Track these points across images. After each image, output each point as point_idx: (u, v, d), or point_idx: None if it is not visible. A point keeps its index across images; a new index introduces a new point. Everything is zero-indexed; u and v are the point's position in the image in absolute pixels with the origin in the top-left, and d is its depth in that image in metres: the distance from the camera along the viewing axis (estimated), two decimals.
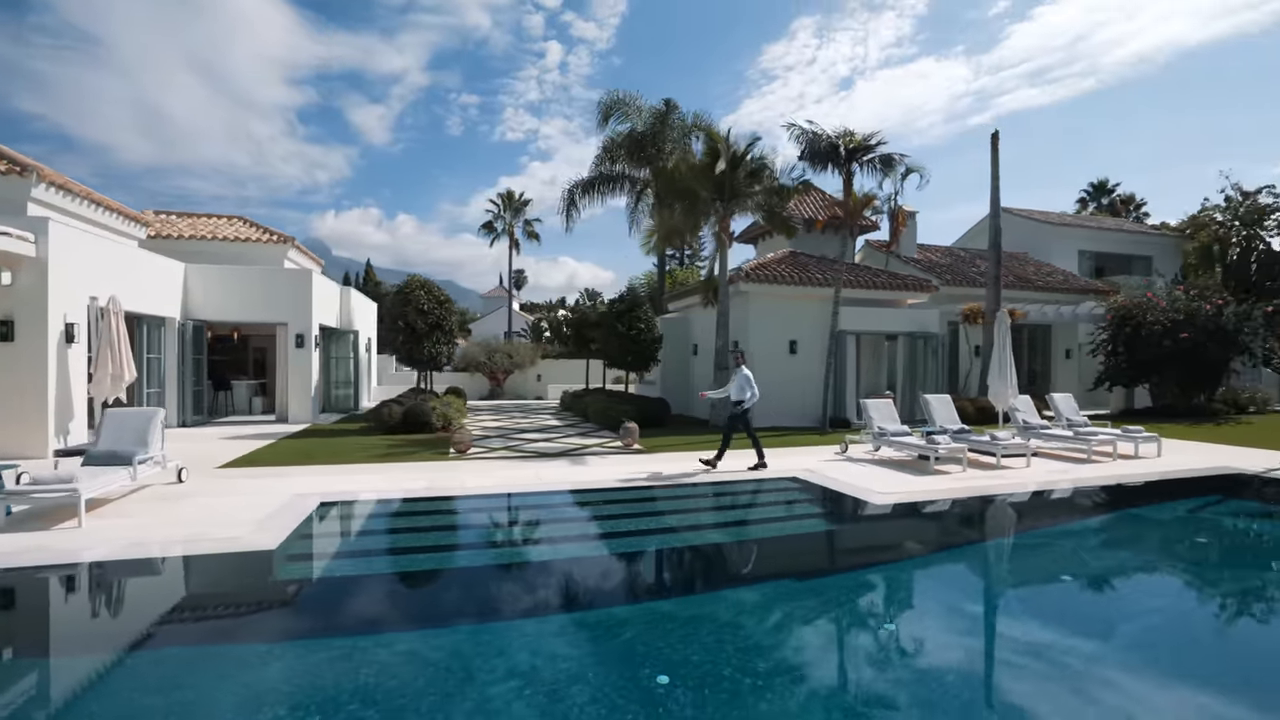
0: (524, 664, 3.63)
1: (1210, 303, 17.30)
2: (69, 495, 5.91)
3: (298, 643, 3.93)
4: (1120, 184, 40.58)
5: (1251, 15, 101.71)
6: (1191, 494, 8.56)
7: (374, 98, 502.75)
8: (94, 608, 4.66)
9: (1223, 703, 3.33)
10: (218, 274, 14.19)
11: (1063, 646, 4.05)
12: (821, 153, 13.62)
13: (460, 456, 10.32)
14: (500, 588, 5.14)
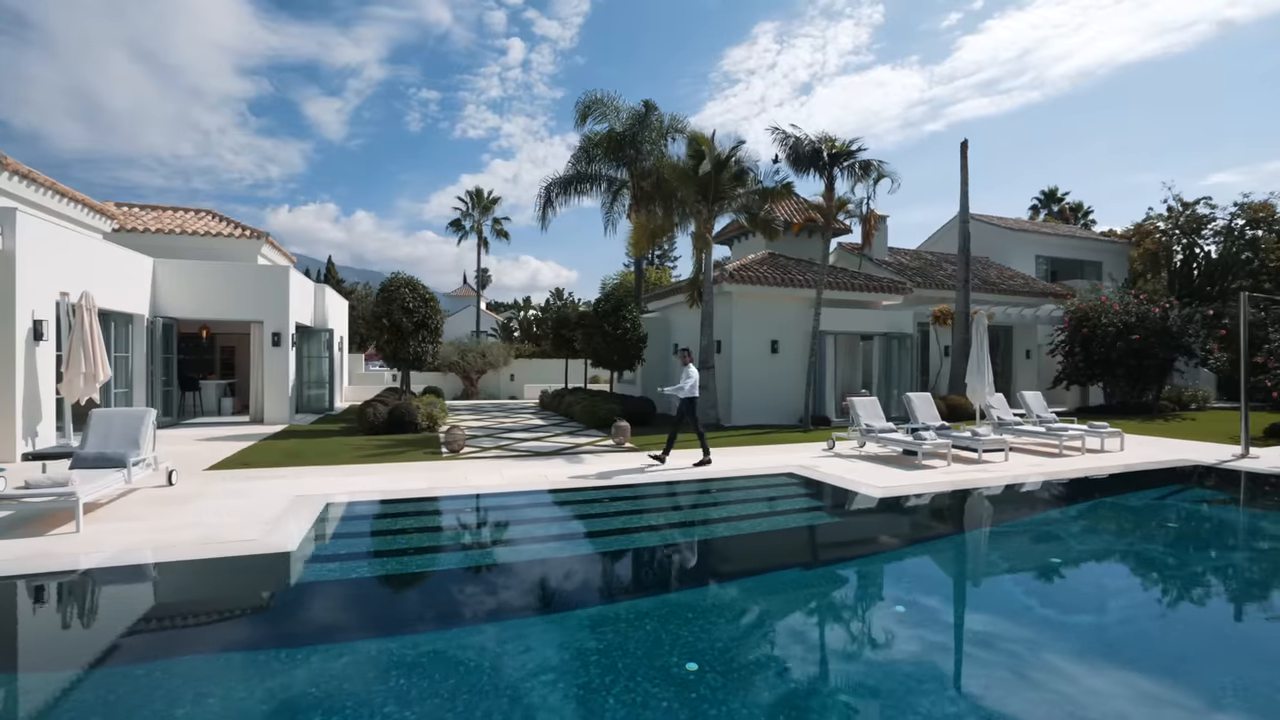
0: (575, 655, 3.70)
1: (1158, 306, 18.42)
2: (64, 499, 5.67)
3: (333, 646, 3.88)
4: (1070, 192, 42.66)
5: (1180, 36, 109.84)
6: (1157, 484, 9.14)
7: (330, 91, 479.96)
8: (114, 616, 4.49)
9: (1196, 664, 3.65)
10: (189, 269, 13.65)
11: (1069, 615, 4.35)
12: (805, 157, 13.97)
13: (454, 456, 10.23)
14: (530, 584, 5.17)
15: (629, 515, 7.47)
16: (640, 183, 22.90)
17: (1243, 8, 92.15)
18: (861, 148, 14.00)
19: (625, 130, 22.25)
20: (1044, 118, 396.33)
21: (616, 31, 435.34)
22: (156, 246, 14.42)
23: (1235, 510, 8.23)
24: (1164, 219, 26.20)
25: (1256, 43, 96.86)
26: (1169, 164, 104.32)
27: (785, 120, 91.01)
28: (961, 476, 8.89)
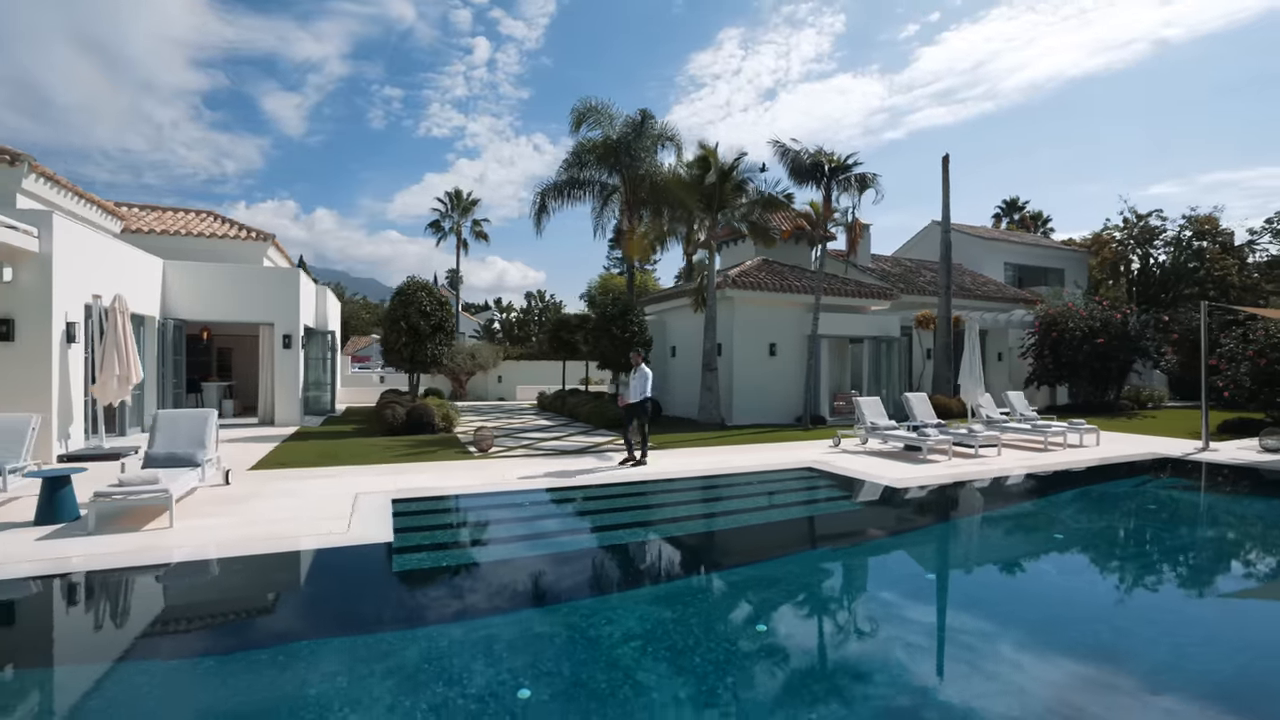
0: (674, 621, 4.25)
1: (1120, 312, 19.83)
2: (159, 496, 5.94)
3: (463, 622, 4.35)
4: (1030, 201, 44.84)
5: (1120, 54, 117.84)
6: (1133, 474, 10.12)
7: (289, 86, 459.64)
8: (255, 602, 4.83)
9: (1189, 622, 4.41)
10: (199, 271, 13.65)
11: (1079, 575, 5.13)
12: (805, 169, 14.74)
13: (484, 455, 10.61)
14: (618, 565, 5.68)
15: (683, 505, 8.10)
16: (634, 189, 23.47)
17: (1177, 29, 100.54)
18: (857, 162, 14.86)
19: (620, 138, 22.80)
20: (998, 128, 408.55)
21: (583, 33, 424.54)
22: (162, 248, 14.34)
23: (1202, 495, 9.22)
24: (1120, 229, 27.99)
25: (1190, 60, 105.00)
26: (1113, 174, 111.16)
27: (749, 124, 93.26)
28: (964, 470, 9.70)
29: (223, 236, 15.34)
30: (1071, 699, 3.32)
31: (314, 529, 6.00)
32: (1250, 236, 27.28)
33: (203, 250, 15.11)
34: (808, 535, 7.08)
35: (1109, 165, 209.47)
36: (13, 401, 8.91)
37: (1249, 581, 5.74)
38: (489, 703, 3.13)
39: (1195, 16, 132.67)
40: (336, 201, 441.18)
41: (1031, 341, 20.52)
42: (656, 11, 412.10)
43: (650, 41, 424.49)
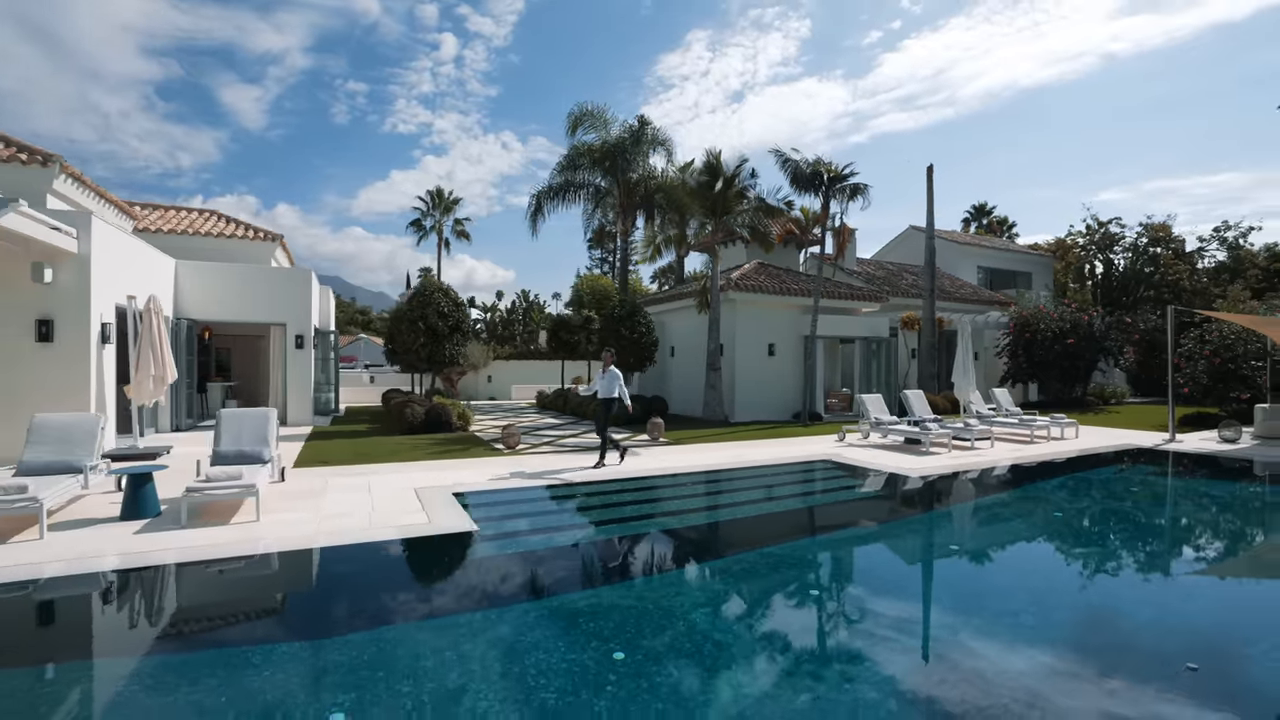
0: (738, 588, 4.83)
1: (1087, 314, 21.18)
2: (245, 491, 6.24)
3: (564, 596, 4.85)
4: (996, 206, 46.80)
5: (1071, 65, 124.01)
6: (1111, 462, 11.07)
7: (248, 78, 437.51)
8: (367, 587, 5.20)
9: (1174, 580, 5.19)
10: (212, 271, 13.66)
11: (1082, 542, 5.88)
12: (805, 179, 15.47)
13: (514, 452, 11.00)
14: (683, 546, 6.22)
15: (725, 494, 8.71)
16: (628, 193, 23.98)
17: (1123, 43, 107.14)
18: (853, 172, 15.66)
19: (616, 142, 23.26)
20: (958, 133, 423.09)
21: (551, 32, 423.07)
22: (170, 247, 14.27)
23: (1174, 480, 10.20)
24: (1083, 235, 29.65)
25: (1135, 74, 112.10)
26: (1066, 180, 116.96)
27: (717, 125, 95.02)
28: (965, 461, 10.51)
29: (230, 236, 15.30)
30: (1086, 617, 4.01)
31: (396, 520, 6.37)
32: (1200, 244, 29.26)
33: (211, 250, 15.06)
34: (850, 516, 7.93)
35: (1062, 171, 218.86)
36: (52, 401, 8.98)
37: (1224, 545, 6.60)
38: (597, 658, 3.65)
39: (1140, 32, 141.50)
40: (299, 197, 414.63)
41: (1006, 342, 21.73)
42: (625, 12, 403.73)
43: (620, 41, 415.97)
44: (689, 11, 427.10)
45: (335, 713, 2.92)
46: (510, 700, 3.18)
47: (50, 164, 9.77)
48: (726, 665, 3.68)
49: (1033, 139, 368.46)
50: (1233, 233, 29.49)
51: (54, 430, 6.80)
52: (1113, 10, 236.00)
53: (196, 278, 13.50)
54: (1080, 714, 3.11)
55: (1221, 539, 7.12)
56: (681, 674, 3.52)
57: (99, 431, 7.00)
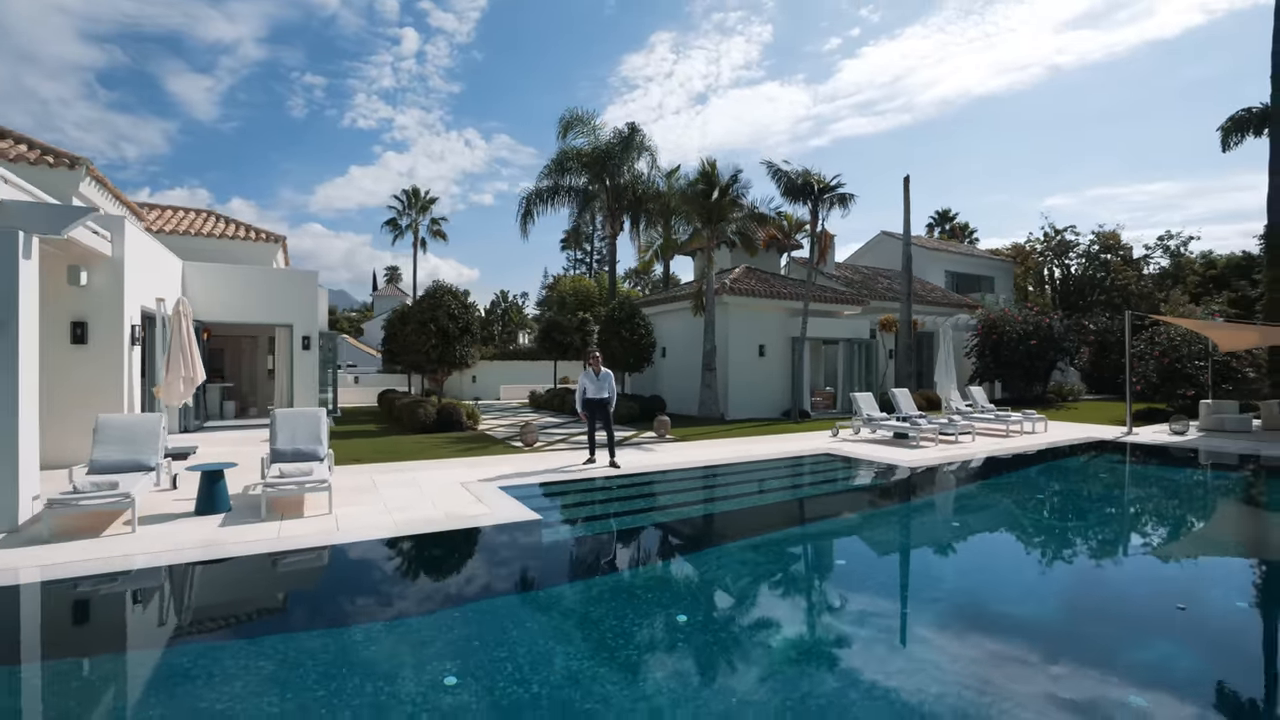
0: (766, 562, 5.54)
1: (1048, 317, 22.70)
2: (318, 485, 6.65)
3: (645, 569, 5.48)
4: (959, 213, 48.97)
5: (1020, 76, 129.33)
6: (1079, 453, 12.19)
7: (199, 67, 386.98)
8: (474, 566, 5.69)
9: (1140, 549, 6.13)
10: (218, 272, 13.71)
11: (1062, 517, 6.80)
12: (796, 188, 16.33)
13: (533, 450, 11.50)
14: (716, 527, 6.89)
15: (743, 484, 9.39)
16: (616, 196, 24.58)
17: (1067, 56, 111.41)
18: (840, 183, 16.59)
19: (606, 148, 23.84)
20: (915, 138, 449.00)
21: (514, 30, 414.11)
22: (172, 248, 14.26)
23: (1134, 467, 11.35)
24: (1041, 242, 31.50)
25: (1078, 85, 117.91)
26: (1016, 186, 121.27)
27: (681, 126, 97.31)
28: (951, 453, 11.47)
29: (233, 237, 15.31)
30: (1072, 574, 4.86)
31: (461, 511, 6.85)
32: (1146, 251, 31.45)
33: (213, 251, 15.05)
34: (861, 501, 8.72)
35: (1013, 177, 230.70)
36: (86, 403, 9.10)
37: (1180, 520, 7.61)
38: (664, 620, 4.31)
39: (1082, 46, 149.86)
40: (254, 192, 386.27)
41: (975, 343, 23.10)
42: (589, 11, 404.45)
43: (583, 41, 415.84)
44: (652, 13, 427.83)
45: (449, 676, 3.43)
46: (598, 656, 3.79)
47: (77, 167, 9.84)
48: (778, 623, 4.38)
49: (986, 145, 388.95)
50: (1174, 241, 31.83)
51: (119, 430, 7.05)
52: (1057, 24, 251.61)
53: (204, 279, 13.53)
54: (1075, 629, 3.90)
55: (1178, 515, 8.16)
56: (736, 632, 4.20)
57: (161, 431, 7.27)
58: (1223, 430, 14.20)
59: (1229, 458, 11.66)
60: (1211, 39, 62.33)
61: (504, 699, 3.20)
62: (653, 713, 3.16)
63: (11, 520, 5.83)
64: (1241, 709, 3.38)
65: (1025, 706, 3.16)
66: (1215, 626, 4.41)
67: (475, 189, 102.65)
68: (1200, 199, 67.85)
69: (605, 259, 57.13)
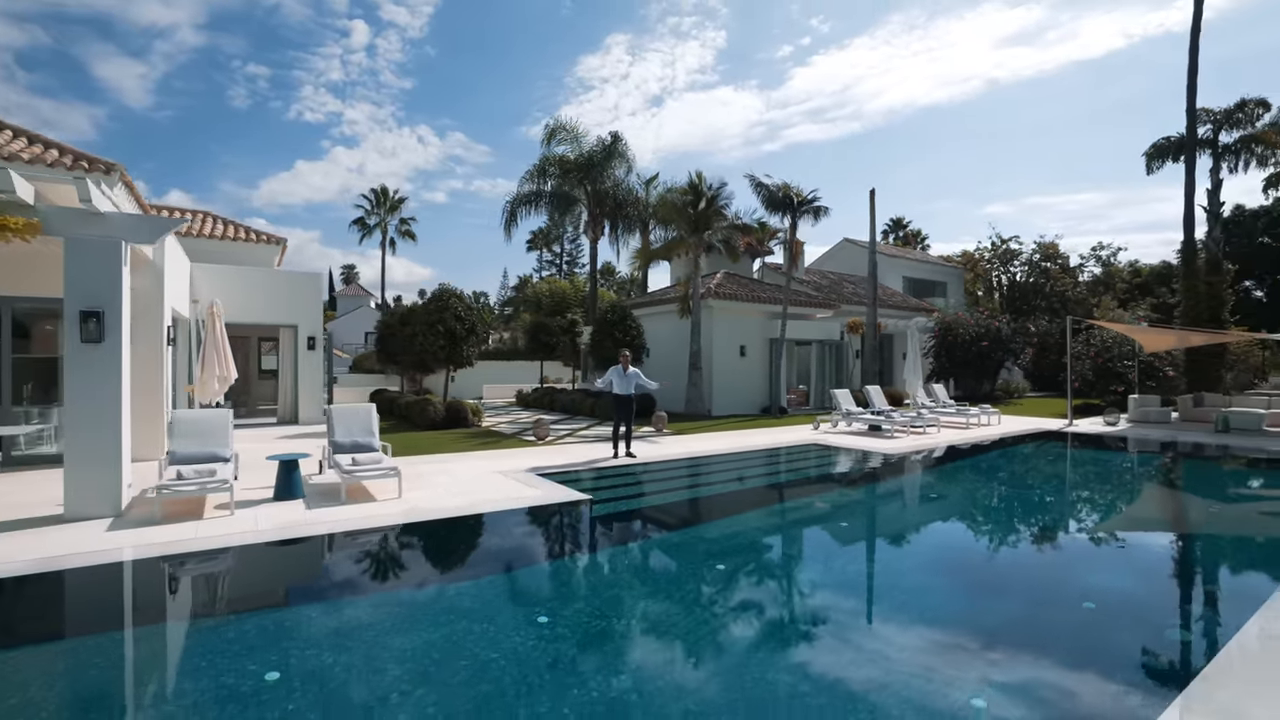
0: (786, 529, 6.69)
1: (997, 321, 24.76)
2: (389, 472, 7.40)
3: (685, 529, 6.51)
4: (911, 221, 51.73)
5: (961, 88, 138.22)
6: (1030, 441, 13.81)
7: (130, 52, 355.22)
8: (549, 537, 6.56)
9: (1082, 515, 7.55)
10: (226, 274, 14.00)
11: (1022, 488, 8.17)
12: (777, 201, 17.63)
13: (545, 444, 12.32)
14: (742, 499, 7.98)
15: (749, 468, 10.50)
16: (599, 202, 25.48)
17: (1004, 70, 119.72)
18: (816, 197, 17.98)
19: (589, 156, 24.69)
20: (864, 146, 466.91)
21: (469, 26, 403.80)
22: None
23: (1074, 451, 13.02)
24: (989, 251, 33.97)
25: (1014, 99, 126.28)
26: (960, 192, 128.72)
27: (637, 128, 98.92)
28: (922, 442, 12.88)
29: (234, 239, 15.55)
30: (1033, 531, 6.14)
31: (515, 493, 7.70)
32: (1081, 260, 34.32)
33: (215, 252, 15.26)
34: (848, 480, 9.88)
35: (957, 184, 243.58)
36: (132, 402, 9.49)
37: (1116, 493, 9.11)
38: (708, 568, 5.38)
39: (1017, 62, 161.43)
40: (193, 185, 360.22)
41: (932, 344, 24.97)
42: (546, 11, 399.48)
43: (539, 40, 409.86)
44: (608, 15, 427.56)
45: (541, 615, 4.36)
46: (657, 594, 4.84)
47: (112, 173, 10.15)
48: (798, 570, 5.49)
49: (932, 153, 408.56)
50: (1105, 252, 34.84)
51: (193, 425, 7.61)
52: (995, 41, 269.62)
53: (210, 280, 13.81)
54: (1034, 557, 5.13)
55: (1111, 489, 9.68)
56: (764, 578, 5.31)
57: (230, 425, 7.85)
58: (1147, 421, 16.16)
59: (1152, 444, 13.47)
60: (1131, 61, 67.61)
61: (616, 626, 4.17)
62: (721, 626, 4.20)
63: (116, 506, 6.40)
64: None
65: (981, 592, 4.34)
66: (1143, 564, 5.73)
67: (428, 186, 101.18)
68: (1124, 209, 73.36)
69: (574, 260, 57.86)
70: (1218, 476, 10.74)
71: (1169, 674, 3.64)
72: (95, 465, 6.31)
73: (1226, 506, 8.70)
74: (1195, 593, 5.36)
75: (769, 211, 18.05)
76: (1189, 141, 20.20)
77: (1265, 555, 6.32)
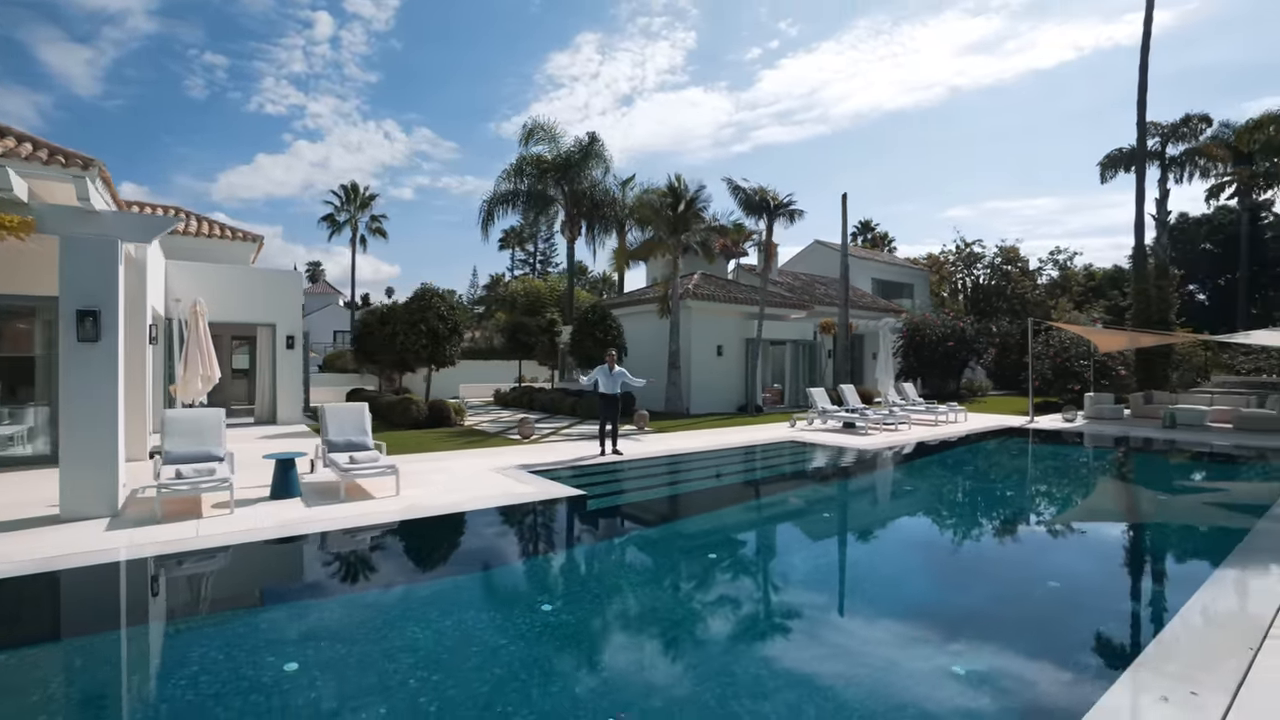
0: (770, 519, 7.07)
1: (962, 322, 25.72)
2: (387, 470, 7.51)
3: (682, 520, 6.82)
4: (879, 223, 53.06)
5: (925, 94, 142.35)
6: (995, 437, 14.51)
7: (77, 37, 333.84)
8: (547, 529, 6.76)
9: (1046, 499, 8.13)
10: (201, 272, 13.78)
11: (986, 480, 8.71)
12: (755, 205, 18.07)
13: (530, 442, 12.48)
14: (731, 493, 8.30)
15: (731, 463, 10.82)
16: (576, 203, 25.63)
17: (965, 78, 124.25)
18: (792, 200, 18.47)
19: (567, 156, 24.82)
20: (832, 148, 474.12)
21: (436, 20, 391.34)
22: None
23: (1036, 446, 13.74)
24: (953, 254, 35.15)
25: (974, 106, 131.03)
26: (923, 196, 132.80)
27: (608, 127, 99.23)
28: (895, 438, 13.43)
29: (210, 236, 15.28)
30: (1001, 515, 6.63)
31: (510, 489, 7.88)
32: (1040, 264, 35.80)
33: (190, 250, 14.96)
34: (827, 475, 10.29)
35: (920, 188, 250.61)
36: None
37: (1074, 483, 9.74)
38: (701, 557, 5.71)
39: (977, 71, 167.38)
40: (146, 177, 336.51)
41: (901, 344, 25.80)
42: (515, 7, 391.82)
43: (508, 37, 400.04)
44: (578, 14, 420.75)
45: (546, 604, 4.64)
46: (652, 581, 5.13)
47: (90, 169, 9.96)
48: (788, 554, 5.85)
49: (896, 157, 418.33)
50: (1062, 256, 36.41)
51: (186, 424, 7.60)
52: (956, 49, 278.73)
53: (186, 278, 13.60)
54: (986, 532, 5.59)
55: (1070, 479, 10.33)
56: (755, 567, 5.66)
57: (223, 425, 7.85)
58: (1102, 418, 17.07)
59: (1107, 439, 14.29)
60: (1081, 72, 70.49)
61: (618, 604, 4.44)
62: (735, 606, 4.51)
63: (113, 505, 6.39)
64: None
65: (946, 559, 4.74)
66: (1100, 548, 6.24)
67: (395, 183, 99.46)
68: (1077, 214, 76.55)
69: (548, 260, 57.76)
70: (1166, 469, 11.50)
71: (1121, 647, 4.07)
72: (92, 465, 6.30)
73: (1173, 497, 9.38)
74: (1146, 573, 5.87)
75: (746, 214, 18.49)
76: (1139, 154, 21.34)
77: (1207, 540, 6.91)
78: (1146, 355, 20.61)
